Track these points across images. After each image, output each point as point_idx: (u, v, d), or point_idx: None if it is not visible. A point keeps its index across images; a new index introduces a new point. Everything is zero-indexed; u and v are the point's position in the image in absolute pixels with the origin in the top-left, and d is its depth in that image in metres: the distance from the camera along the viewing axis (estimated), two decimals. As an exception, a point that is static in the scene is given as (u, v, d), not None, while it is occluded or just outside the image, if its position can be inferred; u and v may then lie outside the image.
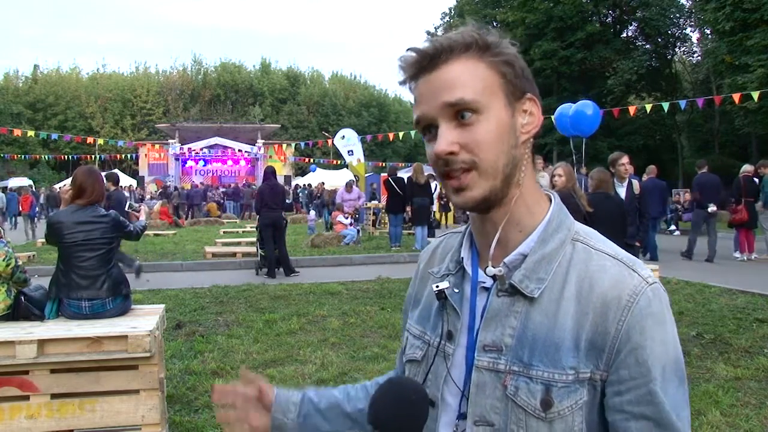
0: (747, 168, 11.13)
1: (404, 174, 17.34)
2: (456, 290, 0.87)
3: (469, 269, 0.88)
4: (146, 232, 12.35)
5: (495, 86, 0.79)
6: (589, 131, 9.79)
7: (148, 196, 26.89)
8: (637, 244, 6.26)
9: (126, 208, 7.10)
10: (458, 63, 0.79)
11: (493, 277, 0.82)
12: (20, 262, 3.58)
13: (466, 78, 0.78)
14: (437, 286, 0.88)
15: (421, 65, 0.80)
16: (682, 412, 0.77)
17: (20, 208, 20.09)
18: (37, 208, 19.38)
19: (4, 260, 3.41)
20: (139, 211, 4.73)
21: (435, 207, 13.68)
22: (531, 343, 0.78)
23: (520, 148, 0.82)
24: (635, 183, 6.52)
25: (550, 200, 0.87)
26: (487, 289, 0.84)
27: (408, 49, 0.81)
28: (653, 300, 0.76)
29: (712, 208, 10.59)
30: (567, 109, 10.06)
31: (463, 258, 0.89)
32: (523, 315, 0.79)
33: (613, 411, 0.76)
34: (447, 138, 0.78)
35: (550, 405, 0.75)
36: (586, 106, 9.63)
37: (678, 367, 0.77)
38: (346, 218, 14.01)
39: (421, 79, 0.81)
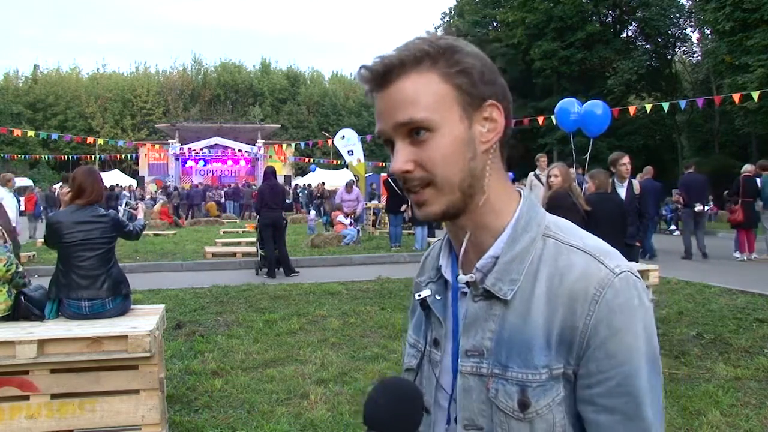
0: (748, 168, 11.15)
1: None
2: (438, 297, 0.88)
3: (448, 276, 0.88)
4: (146, 232, 12.32)
5: (449, 100, 0.78)
6: (598, 131, 9.61)
7: (147, 196, 26.89)
8: (638, 244, 6.26)
9: (123, 206, 7.11)
10: (409, 79, 0.77)
11: (467, 284, 0.83)
12: (20, 268, 3.58)
13: (418, 95, 0.77)
14: (419, 295, 0.90)
15: (375, 83, 0.80)
16: (654, 403, 0.76)
17: (23, 208, 20.24)
18: (40, 208, 19.46)
19: (4, 266, 3.41)
20: (136, 209, 4.70)
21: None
22: (508, 344, 0.78)
23: (480, 158, 0.80)
24: (635, 183, 6.51)
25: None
26: (467, 294, 0.85)
27: (361, 67, 0.80)
28: (621, 291, 0.75)
29: (698, 207, 10.88)
30: (570, 104, 9.84)
31: (441, 265, 0.90)
32: (500, 317, 0.80)
33: (583, 403, 0.76)
34: (402, 157, 0.79)
35: (527, 405, 0.76)
36: (596, 106, 9.45)
37: (650, 358, 0.75)
38: (346, 218, 14.02)
39: (376, 96, 0.81)
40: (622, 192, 6.34)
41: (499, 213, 0.83)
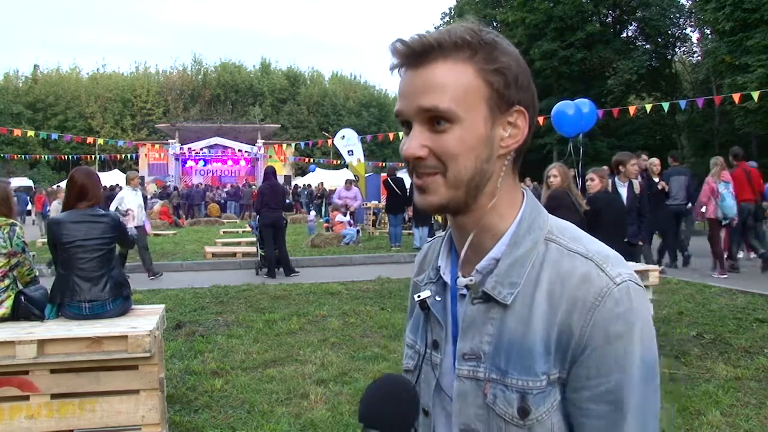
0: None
1: (403, 174, 17.28)
2: (438, 299, 0.86)
3: (446, 278, 0.87)
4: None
5: (478, 96, 0.76)
6: (574, 131, 9.82)
7: (149, 196, 26.87)
8: (640, 243, 6.26)
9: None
10: (444, 65, 0.75)
11: (466, 287, 0.81)
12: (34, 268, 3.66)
13: (448, 83, 0.75)
14: (419, 296, 0.87)
15: (408, 59, 0.77)
16: (648, 411, 0.74)
17: (30, 207, 20.80)
18: (48, 207, 19.64)
19: (26, 270, 3.56)
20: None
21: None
22: (507, 349, 0.77)
23: (495, 161, 0.79)
24: (636, 183, 6.51)
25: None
26: (465, 296, 0.83)
27: (397, 40, 0.78)
28: (620, 300, 0.73)
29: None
30: (566, 106, 9.93)
31: (440, 266, 0.88)
32: (499, 321, 0.78)
33: (571, 406, 0.75)
34: (417, 141, 0.77)
35: (527, 413, 0.74)
36: (583, 105, 9.61)
37: (644, 372, 0.74)
38: (345, 217, 14.04)
39: (406, 73, 0.78)
40: (623, 192, 6.34)
41: (502, 216, 0.81)
